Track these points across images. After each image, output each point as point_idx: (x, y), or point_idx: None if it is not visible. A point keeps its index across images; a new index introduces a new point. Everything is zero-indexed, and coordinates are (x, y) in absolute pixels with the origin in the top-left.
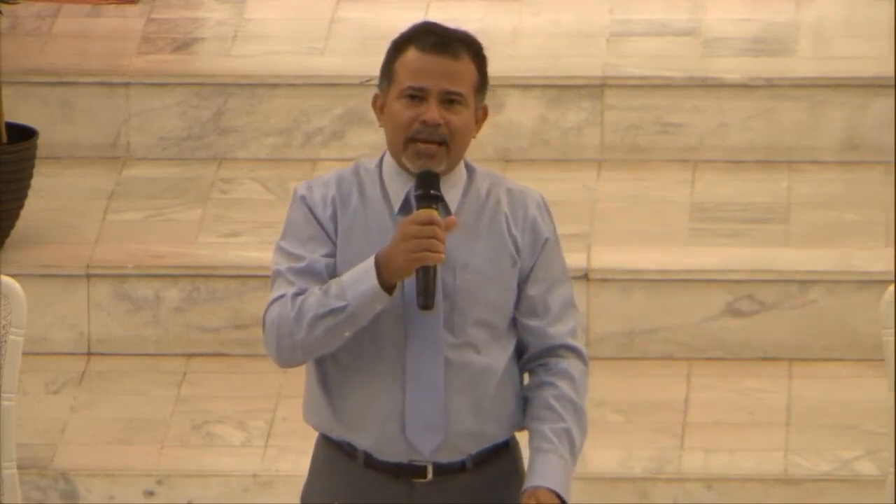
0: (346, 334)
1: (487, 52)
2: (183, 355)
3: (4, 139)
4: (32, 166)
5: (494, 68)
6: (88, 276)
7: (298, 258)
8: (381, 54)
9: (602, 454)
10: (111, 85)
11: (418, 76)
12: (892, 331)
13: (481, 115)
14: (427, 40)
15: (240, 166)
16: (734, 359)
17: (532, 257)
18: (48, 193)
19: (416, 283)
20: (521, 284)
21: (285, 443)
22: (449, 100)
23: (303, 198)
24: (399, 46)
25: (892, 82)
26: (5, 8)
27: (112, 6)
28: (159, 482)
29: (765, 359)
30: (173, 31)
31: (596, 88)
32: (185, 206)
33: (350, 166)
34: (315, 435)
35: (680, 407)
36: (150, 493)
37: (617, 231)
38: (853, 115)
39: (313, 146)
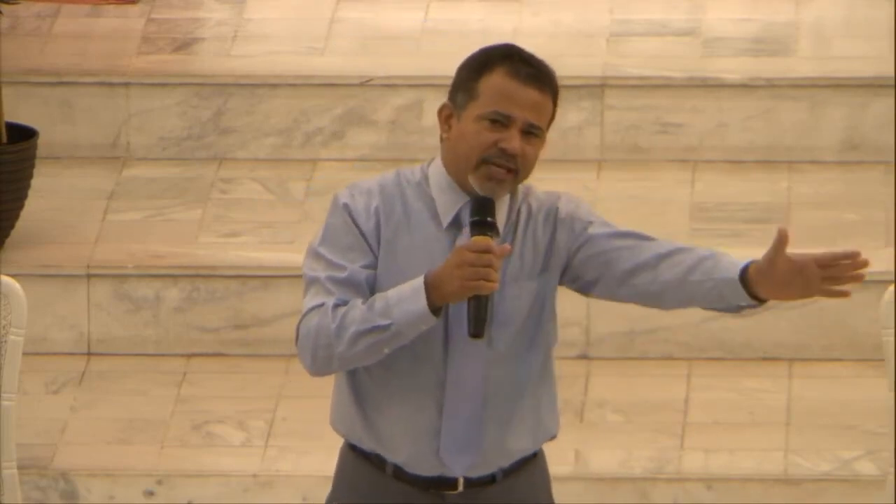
0: (386, 351)
1: None
2: (183, 355)
3: (4, 139)
4: (32, 166)
5: None
6: (88, 276)
7: (339, 267)
8: (382, 54)
9: (602, 454)
10: (111, 85)
11: (507, 103)
12: (892, 331)
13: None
14: (521, 69)
15: (240, 166)
16: (734, 359)
17: (574, 239)
18: (48, 193)
19: (468, 310)
20: (580, 252)
21: (285, 443)
22: (528, 131)
23: (345, 205)
24: (485, 65)
25: (892, 82)
26: (5, 8)
27: (112, 6)
28: (159, 482)
29: (765, 359)
30: (173, 31)
31: (596, 88)
32: (185, 206)
33: (391, 174)
34: (330, 443)
35: (680, 407)
36: (150, 493)
37: None
38: (853, 115)
39: (313, 146)
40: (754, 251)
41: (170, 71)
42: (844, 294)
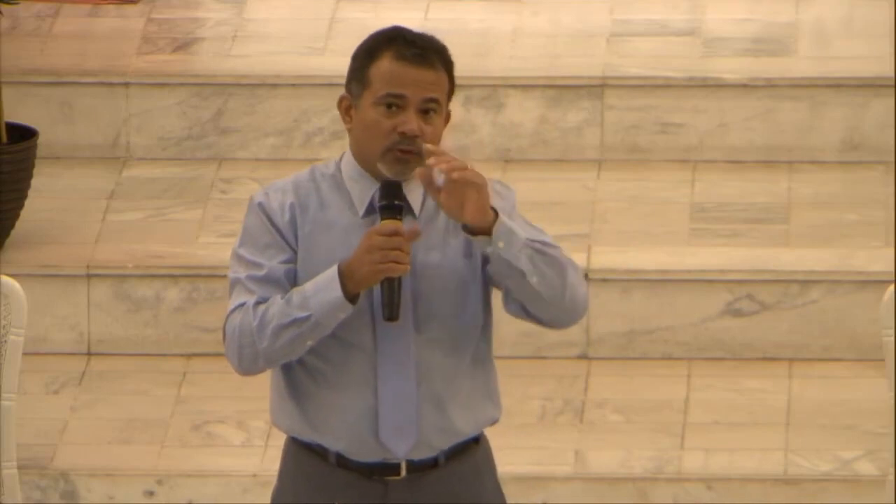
0: (309, 343)
1: (487, 52)
2: (183, 355)
3: (4, 139)
4: (32, 166)
5: (494, 68)
6: (88, 276)
7: (258, 266)
8: None
9: (602, 454)
10: (111, 85)
11: (397, 85)
12: (892, 331)
13: (447, 119)
14: (406, 51)
15: (240, 166)
16: (734, 359)
17: None
18: (48, 193)
19: (381, 294)
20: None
21: None
22: (426, 109)
23: (260, 204)
24: (372, 52)
25: (892, 82)
26: (5, 8)
27: (112, 6)
28: (159, 482)
29: (765, 359)
30: (173, 31)
31: (596, 88)
32: (185, 206)
33: (305, 171)
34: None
35: (680, 407)
36: (150, 493)
37: (617, 231)
38: (853, 115)
39: (313, 146)
40: (754, 251)
41: (170, 71)
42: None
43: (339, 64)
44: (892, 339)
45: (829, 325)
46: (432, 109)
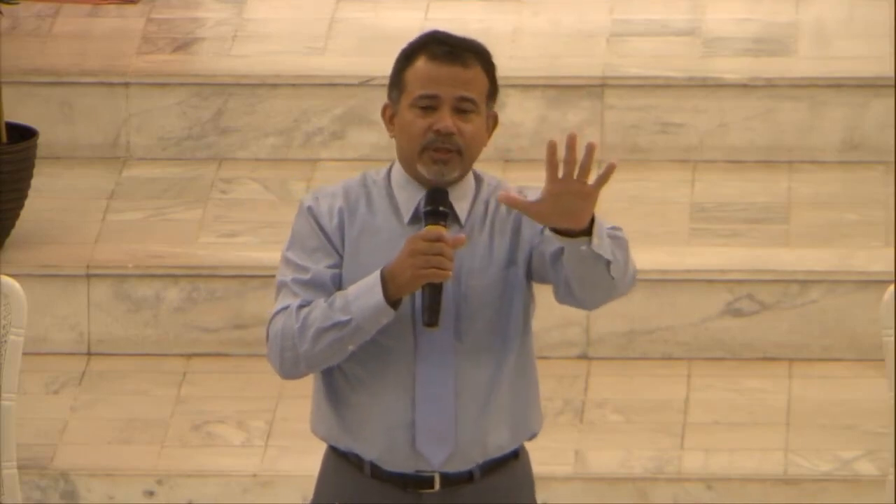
0: (350, 348)
1: None
2: (183, 355)
3: (4, 139)
4: (32, 166)
5: None
6: (88, 276)
7: (304, 270)
8: (382, 54)
9: (602, 454)
10: (111, 85)
11: (430, 84)
12: (892, 331)
13: (491, 123)
14: (437, 50)
15: (240, 166)
16: (734, 359)
17: (535, 234)
18: (48, 193)
19: (422, 299)
20: (535, 249)
21: (285, 443)
22: (461, 108)
23: (309, 209)
24: (408, 56)
25: (892, 82)
26: (5, 8)
27: (112, 6)
28: (159, 482)
29: (765, 359)
30: (173, 31)
31: (596, 88)
32: (185, 206)
33: (357, 177)
34: (322, 446)
35: (680, 407)
36: (150, 493)
37: None
38: (853, 115)
39: (313, 146)
40: (754, 251)
41: (170, 71)
42: (585, 187)
43: (339, 64)
44: (892, 339)
45: (829, 325)
46: (468, 109)
